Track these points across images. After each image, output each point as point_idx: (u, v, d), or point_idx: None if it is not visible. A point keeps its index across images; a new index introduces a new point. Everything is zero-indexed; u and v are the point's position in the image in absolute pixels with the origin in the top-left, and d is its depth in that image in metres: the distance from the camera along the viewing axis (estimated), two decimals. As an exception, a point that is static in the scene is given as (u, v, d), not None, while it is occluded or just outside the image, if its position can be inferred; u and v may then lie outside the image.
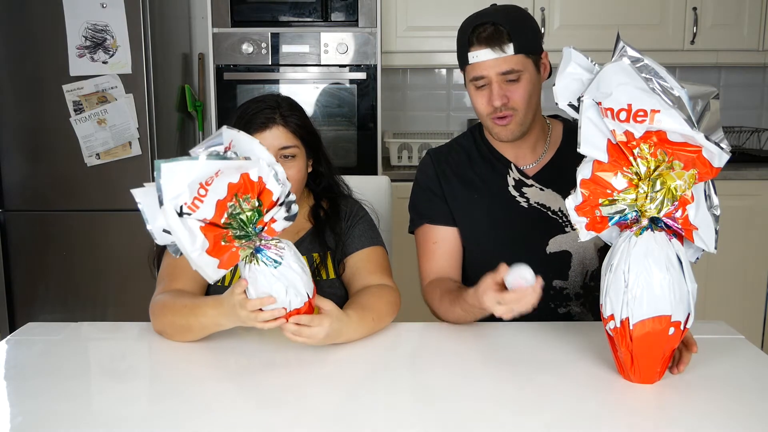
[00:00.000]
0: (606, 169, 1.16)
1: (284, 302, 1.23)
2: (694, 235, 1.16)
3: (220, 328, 1.35)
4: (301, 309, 1.25)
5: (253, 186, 1.19)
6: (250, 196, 1.19)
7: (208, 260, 1.19)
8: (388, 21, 3.04)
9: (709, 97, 1.14)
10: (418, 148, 3.06)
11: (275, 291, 1.22)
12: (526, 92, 1.49)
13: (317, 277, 1.54)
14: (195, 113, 3.29)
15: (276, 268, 1.21)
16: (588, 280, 1.59)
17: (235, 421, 1.10)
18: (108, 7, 2.67)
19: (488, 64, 1.47)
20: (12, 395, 1.20)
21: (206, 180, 1.15)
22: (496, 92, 1.48)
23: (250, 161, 1.18)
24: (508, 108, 1.49)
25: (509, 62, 1.47)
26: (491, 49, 1.46)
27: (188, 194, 1.14)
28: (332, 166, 1.64)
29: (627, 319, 1.15)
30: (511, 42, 1.45)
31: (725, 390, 1.18)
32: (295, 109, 1.53)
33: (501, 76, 1.47)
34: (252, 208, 1.19)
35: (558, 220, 1.58)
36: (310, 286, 1.26)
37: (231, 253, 1.20)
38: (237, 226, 1.19)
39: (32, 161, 2.80)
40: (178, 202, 1.14)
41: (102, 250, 2.84)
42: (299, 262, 1.25)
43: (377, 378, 1.27)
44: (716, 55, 3.16)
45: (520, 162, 1.62)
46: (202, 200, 1.15)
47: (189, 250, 1.16)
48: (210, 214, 1.17)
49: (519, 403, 1.15)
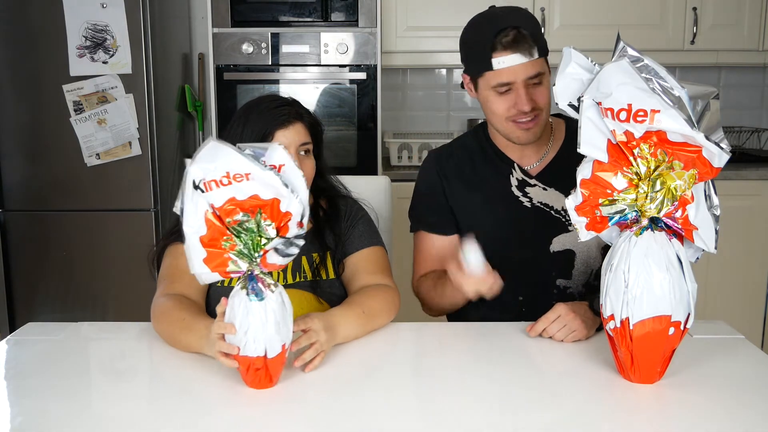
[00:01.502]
0: (606, 169, 1.16)
1: (239, 341, 1.15)
2: (694, 235, 1.15)
3: (202, 353, 1.29)
4: (255, 360, 1.16)
5: (279, 216, 1.14)
6: (275, 225, 1.14)
7: (197, 246, 1.14)
8: (388, 21, 3.04)
9: (709, 97, 1.14)
10: (418, 148, 3.06)
11: (238, 324, 1.15)
12: (548, 94, 1.50)
13: (317, 277, 1.54)
14: (195, 113, 3.29)
15: (251, 302, 1.14)
16: (592, 279, 1.59)
17: (235, 421, 1.10)
18: (108, 7, 2.67)
19: (516, 69, 1.45)
20: (12, 395, 1.20)
21: (236, 173, 1.11)
22: (524, 96, 1.47)
23: (288, 191, 1.12)
24: (535, 110, 1.49)
25: (536, 66, 1.46)
26: (520, 53, 1.44)
27: (212, 174, 1.11)
28: (327, 166, 1.65)
29: (627, 319, 1.15)
30: (536, 45, 1.45)
31: (725, 390, 1.18)
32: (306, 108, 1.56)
33: (527, 80, 1.46)
34: (267, 237, 1.14)
35: (561, 220, 1.58)
36: (274, 343, 1.15)
37: (222, 258, 1.14)
38: (243, 243, 1.14)
39: (32, 161, 2.79)
40: (199, 176, 1.11)
41: (102, 250, 2.84)
42: (280, 314, 1.16)
43: (377, 378, 1.27)
44: (716, 55, 3.16)
45: (524, 162, 1.62)
46: (219, 186, 1.11)
47: (187, 225, 1.12)
48: (218, 204, 1.12)
49: (519, 402, 1.15)
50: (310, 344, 1.26)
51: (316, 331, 1.27)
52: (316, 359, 1.26)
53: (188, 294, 1.45)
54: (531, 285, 1.59)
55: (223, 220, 1.13)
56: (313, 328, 1.26)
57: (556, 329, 1.36)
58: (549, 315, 1.37)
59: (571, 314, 1.36)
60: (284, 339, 1.17)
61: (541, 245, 1.58)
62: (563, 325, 1.36)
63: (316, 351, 1.26)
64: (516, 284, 1.58)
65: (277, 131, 1.47)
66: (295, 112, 1.50)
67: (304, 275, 1.54)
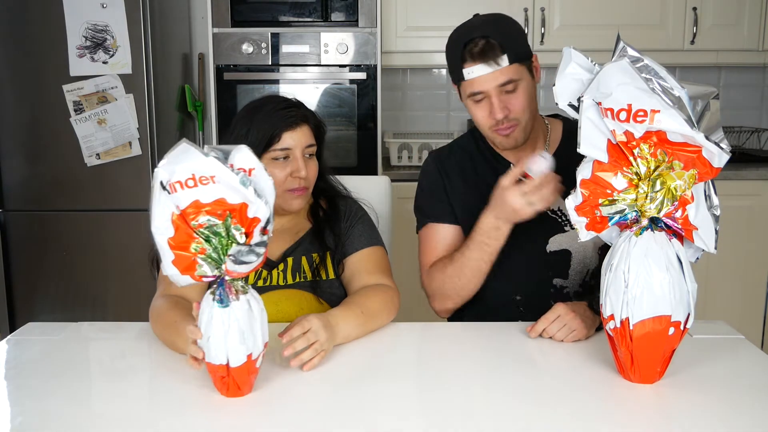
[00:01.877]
0: (606, 169, 1.16)
1: (204, 347, 1.13)
2: (694, 235, 1.15)
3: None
4: (218, 368, 1.13)
5: (246, 222, 1.10)
6: (244, 231, 1.10)
7: (165, 248, 1.11)
8: (388, 21, 3.04)
9: (709, 97, 1.14)
10: (418, 148, 3.06)
11: (203, 329, 1.13)
12: (525, 100, 1.50)
13: (317, 277, 1.54)
14: (195, 113, 3.29)
15: (214, 309, 1.11)
16: (588, 279, 1.60)
17: (235, 421, 1.10)
18: (108, 7, 2.67)
19: (485, 78, 1.47)
20: (12, 395, 1.20)
21: (201, 176, 1.08)
22: (496, 106, 1.48)
23: (256, 196, 1.09)
24: (510, 119, 1.50)
25: (505, 74, 1.47)
26: (486, 63, 1.46)
27: (177, 175, 1.08)
28: (327, 167, 1.66)
29: (627, 319, 1.15)
30: (505, 53, 1.45)
31: (725, 390, 1.18)
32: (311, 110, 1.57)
33: (499, 88, 1.47)
34: (236, 242, 1.10)
35: (558, 220, 1.59)
36: (238, 353, 1.12)
37: (190, 261, 1.11)
38: (213, 247, 1.10)
39: (32, 161, 2.80)
40: (165, 177, 1.08)
41: (102, 250, 2.84)
42: (246, 323, 1.12)
43: (377, 378, 1.26)
44: (716, 55, 3.16)
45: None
46: (183, 188, 1.08)
47: (154, 226, 1.09)
48: (183, 206, 1.09)
49: (519, 402, 1.15)
50: (309, 345, 1.25)
51: (315, 331, 1.26)
52: (315, 359, 1.25)
53: (187, 294, 1.43)
54: (528, 285, 1.60)
55: (186, 220, 1.09)
56: (312, 329, 1.26)
57: (556, 329, 1.36)
58: (548, 315, 1.37)
59: (570, 314, 1.36)
60: (251, 349, 1.13)
61: (538, 245, 1.59)
62: (563, 324, 1.36)
63: (315, 351, 1.25)
64: (513, 284, 1.59)
65: (285, 133, 1.48)
66: (303, 114, 1.51)
67: (304, 275, 1.54)
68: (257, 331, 1.14)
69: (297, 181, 1.50)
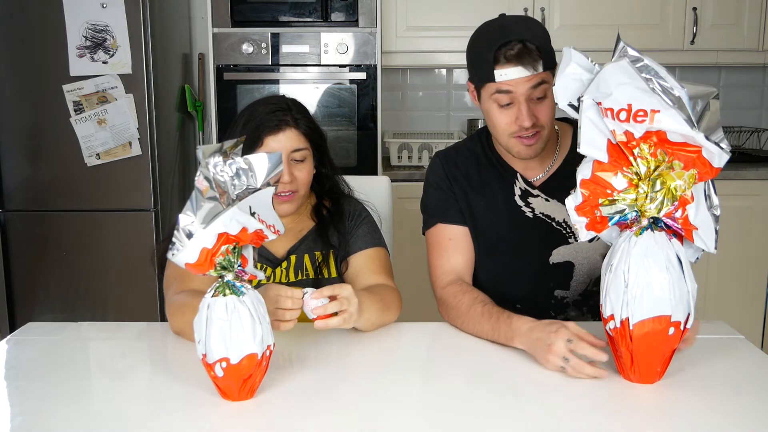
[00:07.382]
0: (606, 169, 1.16)
1: (203, 343, 1.14)
2: (694, 235, 1.15)
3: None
4: (203, 362, 1.14)
5: (260, 237, 1.15)
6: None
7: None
8: (388, 21, 3.04)
9: (709, 97, 1.14)
10: (418, 148, 3.06)
11: (196, 320, 1.15)
12: (552, 109, 1.47)
13: (319, 276, 1.54)
14: (195, 113, 3.29)
15: (233, 296, 1.12)
16: (591, 287, 1.58)
17: (236, 422, 1.10)
18: (108, 7, 2.67)
19: (519, 81, 1.42)
20: (12, 395, 1.20)
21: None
22: (525, 112, 1.44)
23: (264, 226, 1.13)
24: (537, 126, 1.46)
25: (540, 79, 1.43)
26: (523, 67, 1.41)
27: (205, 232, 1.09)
28: (335, 167, 1.65)
29: (627, 319, 1.15)
30: (541, 59, 1.42)
31: (725, 390, 1.18)
32: (305, 112, 1.55)
33: (530, 91, 1.43)
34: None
35: (562, 232, 1.57)
36: (233, 347, 1.10)
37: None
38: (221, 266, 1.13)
39: (32, 161, 2.79)
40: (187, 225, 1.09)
41: (102, 250, 2.84)
42: (249, 321, 1.11)
43: (380, 377, 1.27)
44: (716, 55, 3.16)
45: (528, 174, 1.59)
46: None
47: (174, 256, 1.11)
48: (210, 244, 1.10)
49: (519, 402, 1.15)
50: (340, 311, 1.26)
51: (348, 298, 1.27)
52: (335, 320, 1.25)
53: (204, 290, 1.43)
54: (529, 294, 1.58)
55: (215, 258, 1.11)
56: (347, 296, 1.27)
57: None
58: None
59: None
60: (228, 353, 1.10)
61: (541, 256, 1.57)
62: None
63: (344, 320, 1.26)
64: (513, 293, 1.57)
65: (267, 137, 1.47)
66: (290, 117, 1.49)
67: (306, 273, 1.54)
68: (237, 339, 1.11)
69: (282, 186, 1.48)
